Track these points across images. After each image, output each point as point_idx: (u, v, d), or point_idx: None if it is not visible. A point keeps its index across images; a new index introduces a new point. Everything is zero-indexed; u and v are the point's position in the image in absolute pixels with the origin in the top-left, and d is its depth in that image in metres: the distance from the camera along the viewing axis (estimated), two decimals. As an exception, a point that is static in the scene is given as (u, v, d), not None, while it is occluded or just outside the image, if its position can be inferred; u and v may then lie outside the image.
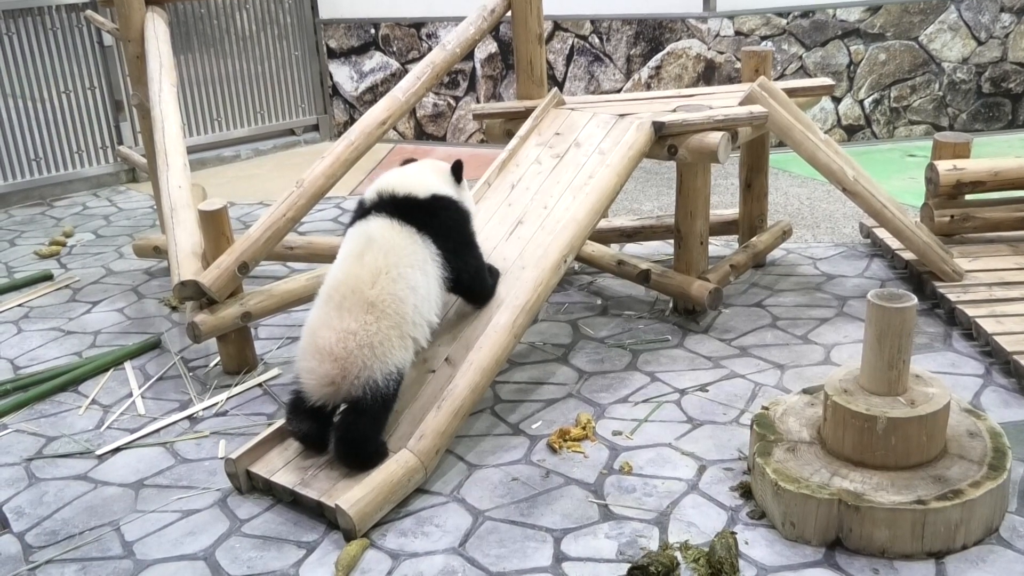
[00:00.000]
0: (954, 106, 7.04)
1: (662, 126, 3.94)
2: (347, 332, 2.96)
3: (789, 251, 5.01)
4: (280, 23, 7.83)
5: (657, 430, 3.39)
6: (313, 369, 2.99)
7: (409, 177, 3.33)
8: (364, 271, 3.04)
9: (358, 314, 2.98)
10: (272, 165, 7.59)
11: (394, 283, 3.03)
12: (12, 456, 3.48)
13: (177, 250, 3.89)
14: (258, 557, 2.82)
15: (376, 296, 3.00)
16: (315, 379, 2.98)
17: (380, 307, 3.00)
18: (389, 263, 3.05)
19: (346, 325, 2.97)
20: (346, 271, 3.08)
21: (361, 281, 3.02)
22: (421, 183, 3.30)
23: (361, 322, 2.97)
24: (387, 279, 3.03)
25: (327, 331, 2.99)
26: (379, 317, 2.99)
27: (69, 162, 7.03)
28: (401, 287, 3.04)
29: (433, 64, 4.38)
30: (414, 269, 3.10)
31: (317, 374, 2.97)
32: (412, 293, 3.07)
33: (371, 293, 3.00)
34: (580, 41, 7.16)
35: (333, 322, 2.99)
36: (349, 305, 3.00)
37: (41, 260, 5.61)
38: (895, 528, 2.62)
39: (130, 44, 4.90)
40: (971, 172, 4.45)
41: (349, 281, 3.04)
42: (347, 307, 3.00)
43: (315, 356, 2.99)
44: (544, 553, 2.76)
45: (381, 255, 3.06)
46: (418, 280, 3.10)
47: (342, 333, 2.96)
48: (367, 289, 3.01)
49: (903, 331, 2.75)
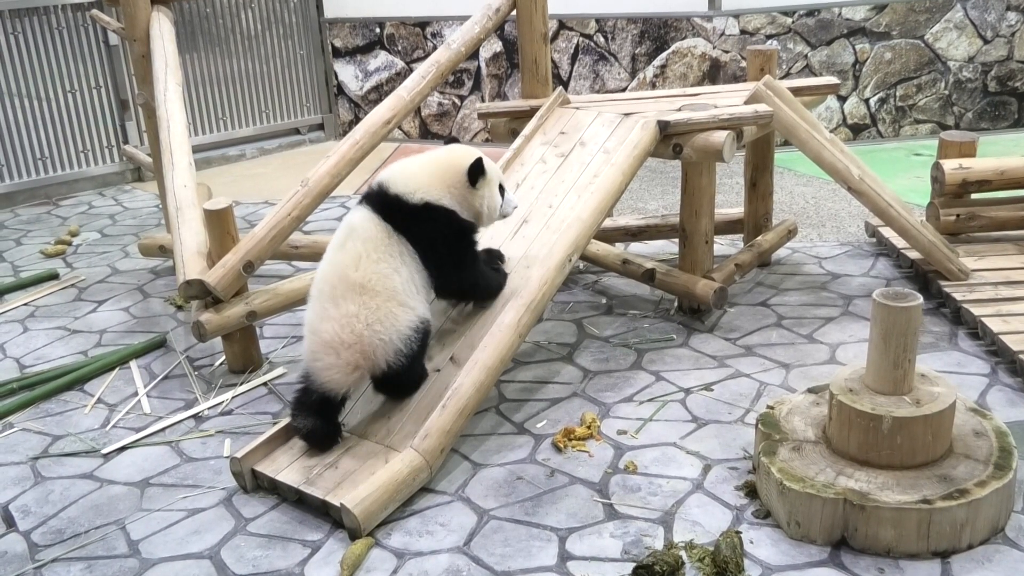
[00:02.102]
0: (960, 105, 7.02)
1: (667, 125, 3.94)
2: (348, 316, 3.00)
3: (794, 250, 5.01)
4: (285, 22, 7.83)
5: (662, 429, 3.38)
6: (331, 364, 3.01)
7: (410, 174, 3.22)
8: (346, 257, 3.07)
9: (352, 297, 3.01)
10: (277, 164, 7.60)
11: (376, 264, 3.05)
12: (18, 455, 3.48)
13: (182, 249, 3.90)
14: (263, 556, 2.82)
15: (363, 277, 3.03)
16: (337, 372, 3.01)
17: (370, 286, 3.03)
18: (368, 248, 3.06)
19: (345, 310, 3.00)
20: (329, 260, 3.13)
21: (345, 267, 3.06)
22: (419, 184, 3.17)
23: (359, 303, 3.00)
24: (368, 261, 3.05)
25: (328, 323, 3.02)
26: (373, 295, 3.02)
27: (75, 161, 7.04)
28: (383, 267, 3.06)
29: (438, 63, 4.38)
30: (392, 258, 3.09)
31: (337, 366, 3.01)
32: (396, 273, 3.08)
33: (356, 276, 3.03)
34: (585, 40, 7.15)
35: (331, 312, 3.03)
36: (340, 292, 3.03)
37: (47, 259, 5.62)
38: (900, 527, 2.62)
39: (136, 43, 4.90)
40: (977, 171, 4.44)
41: (335, 270, 3.08)
42: (339, 294, 3.03)
43: (327, 352, 3.01)
44: (549, 552, 2.76)
45: (359, 243, 3.08)
46: (398, 266, 3.09)
47: (343, 319, 3.00)
48: (352, 273, 3.03)
49: (909, 330, 2.74)
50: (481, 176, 3.22)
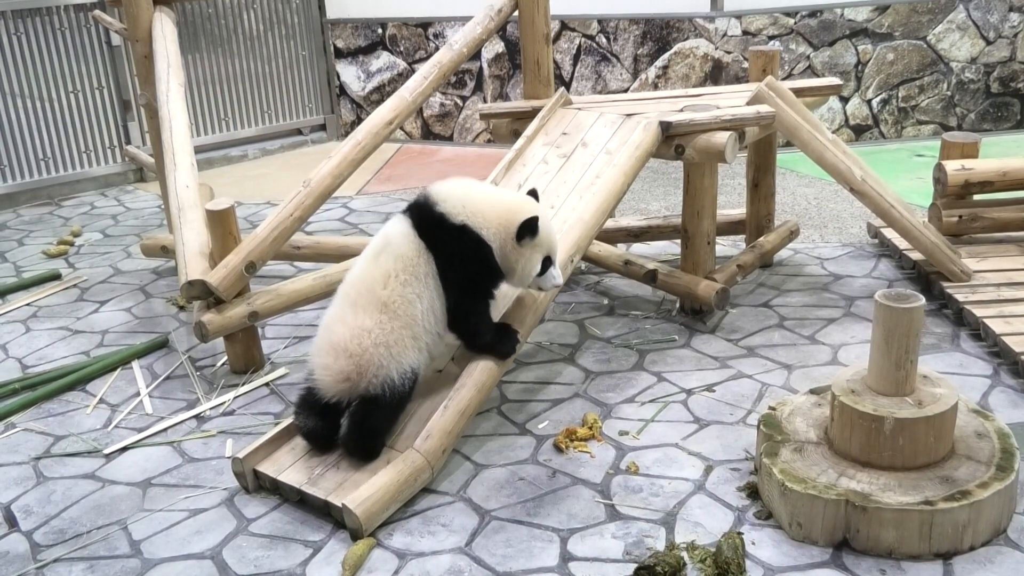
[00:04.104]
0: (962, 106, 7.02)
1: (669, 126, 3.94)
2: (362, 329, 2.98)
3: (796, 251, 5.00)
4: (287, 23, 7.84)
5: (664, 430, 3.38)
6: (328, 365, 3.00)
7: (463, 196, 3.11)
8: (377, 271, 3.05)
9: (372, 312, 3.00)
10: (279, 165, 7.60)
11: (403, 287, 3.03)
12: (20, 455, 3.49)
13: (184, 249, 3.90)
14: (265, 556, 2.83)
15: (388, 297, 3.01)
16: (330, 375, 3.00)
17: (392, 308, 3.00)
18: (397, 268, 3.04)
19: (361, 322, 2.98)
20: (362, 269, 3.11)
21: (374, 281, 3.04)
22: (468, 209, 3.07)
23: (376, 320, 2.98)
24: (396, 282, 3.03)
25: (342, 327, 3.01)
26: (392, 317, 3.00)
27: (77, 162, 7.05)
28: (409, 292, 3.03)
29: (440, 64, 4.38)
30: (418, 280, 3.05)
31: (332, 370, 2.99)
32: (418, 300, 3.04)
33: (383, 294, 3.01)
34: (587, 41, 7.16)
35: (348, 319, 3.01)
36: (363, 303, 3.01)
37: (49, 259, 5.62)
38: (902, 529, 2.61)
39: (138, 44, 4.91)
40: (979, 172, 4.44)
41: (364, 280, 3.06)
42: (361, 305, 3.01)
43: (330, 352, 3.00)
44: (550, 553, 2.76)
45: (391, 259, 3.05)
46: (422, 291, 3.05)
47: (357, 330, 2.98)
48: (379, 289, 3.02)
49: (911, 331, 2.74)
50: (529, 236, 3.08)
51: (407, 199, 6.35)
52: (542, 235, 3.11)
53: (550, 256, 3.19)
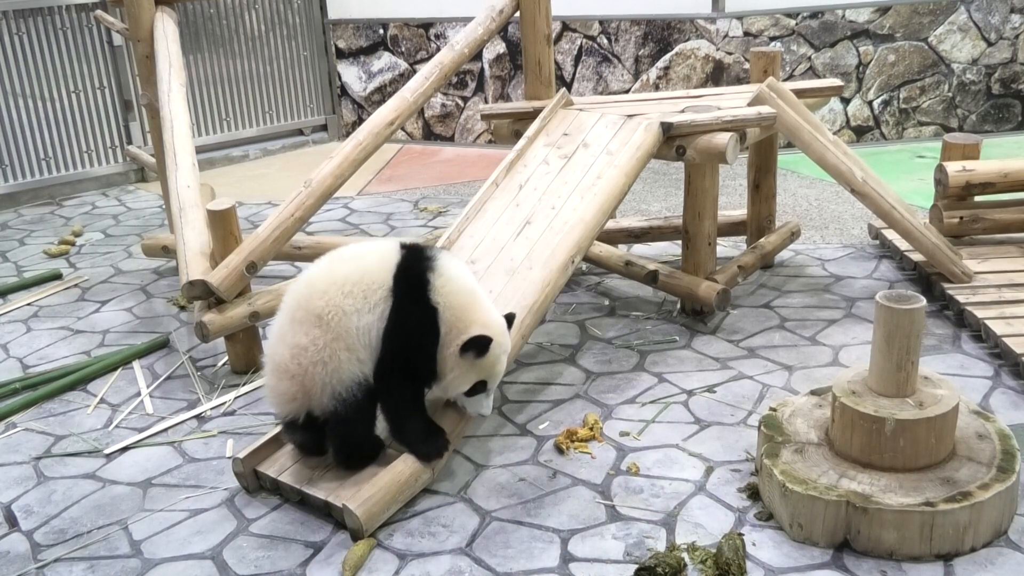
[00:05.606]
0: (963, 107, 7.02)
1: (670, 127, 3.94)
2: (298, 348, 2.87)
3: (797, 252, 5.00)
4: (289, 23, 7.84)
5: (664, 431, 3.38)
6: (274, 387, 2.97)
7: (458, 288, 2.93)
8: (332, 276, 2.89)
9: (309, 327, 2.86)
10: (280, 165, 7.61)
11: (344, 297, 2.85)
12: (21, 455, 3.49)
13: (186, 249, 3.90)
14: (265, 556, 2.83)
15: (323, 309, 2.84)
16: (277, 396, 2.97)
17: (326, 320, 2.84)
18: (353, 279, 2.87)
19: (297, 340, 2.87)
20: (308, 276, 2.97)
21: (313, 291, 2.88)
22: (450, 300, 2.90)
23: (311, 337, 2.85)
24: (339, 292, 2.85)
25: (282, 347, 2.92)
26: (325, 331, 2.84)
27: (78, 161, 7.06)
28: (348, 304, 2.85)
29: (441, 64, 4.38)
30: (365, 301, 2.86)
31: (278, 391, 2.95)
32: (356, 315, 2.85)
33: (318, 304, 2.85)
34: (588, 42, 7.16)
35: (287, 336, 2.91)
36: (300, 317, 2.89)
37: (50, 259, 5.63)
38: (903, 530, 2.61)
39: (139, 44, 4.91)
40: (980, 173, 4.44)
41: (304, 291, 2.92)
42: (299, 319, 2.90)
43: (274, 373, 2.95)
44: (551, 554, 2.76)
45: (357, 271, 2.89)
46: (362, 309, 2.86)
47: (295, 349, 2.88)
48: (316, 300, 2.86)
49: (912, 332, 2.74)
50: (475, 353, 2.89)
51: (407, 199, 6.40)
52: (487, 361, 2.93)
53: (486, 382, 3.00)
